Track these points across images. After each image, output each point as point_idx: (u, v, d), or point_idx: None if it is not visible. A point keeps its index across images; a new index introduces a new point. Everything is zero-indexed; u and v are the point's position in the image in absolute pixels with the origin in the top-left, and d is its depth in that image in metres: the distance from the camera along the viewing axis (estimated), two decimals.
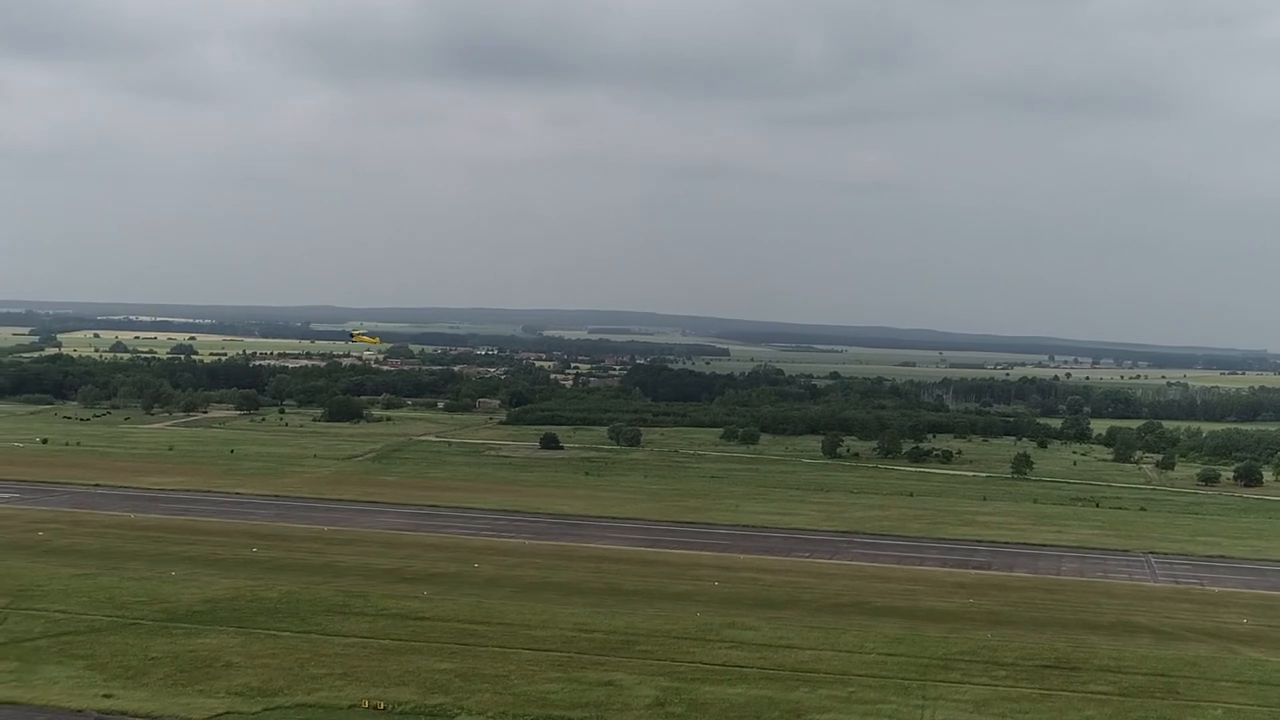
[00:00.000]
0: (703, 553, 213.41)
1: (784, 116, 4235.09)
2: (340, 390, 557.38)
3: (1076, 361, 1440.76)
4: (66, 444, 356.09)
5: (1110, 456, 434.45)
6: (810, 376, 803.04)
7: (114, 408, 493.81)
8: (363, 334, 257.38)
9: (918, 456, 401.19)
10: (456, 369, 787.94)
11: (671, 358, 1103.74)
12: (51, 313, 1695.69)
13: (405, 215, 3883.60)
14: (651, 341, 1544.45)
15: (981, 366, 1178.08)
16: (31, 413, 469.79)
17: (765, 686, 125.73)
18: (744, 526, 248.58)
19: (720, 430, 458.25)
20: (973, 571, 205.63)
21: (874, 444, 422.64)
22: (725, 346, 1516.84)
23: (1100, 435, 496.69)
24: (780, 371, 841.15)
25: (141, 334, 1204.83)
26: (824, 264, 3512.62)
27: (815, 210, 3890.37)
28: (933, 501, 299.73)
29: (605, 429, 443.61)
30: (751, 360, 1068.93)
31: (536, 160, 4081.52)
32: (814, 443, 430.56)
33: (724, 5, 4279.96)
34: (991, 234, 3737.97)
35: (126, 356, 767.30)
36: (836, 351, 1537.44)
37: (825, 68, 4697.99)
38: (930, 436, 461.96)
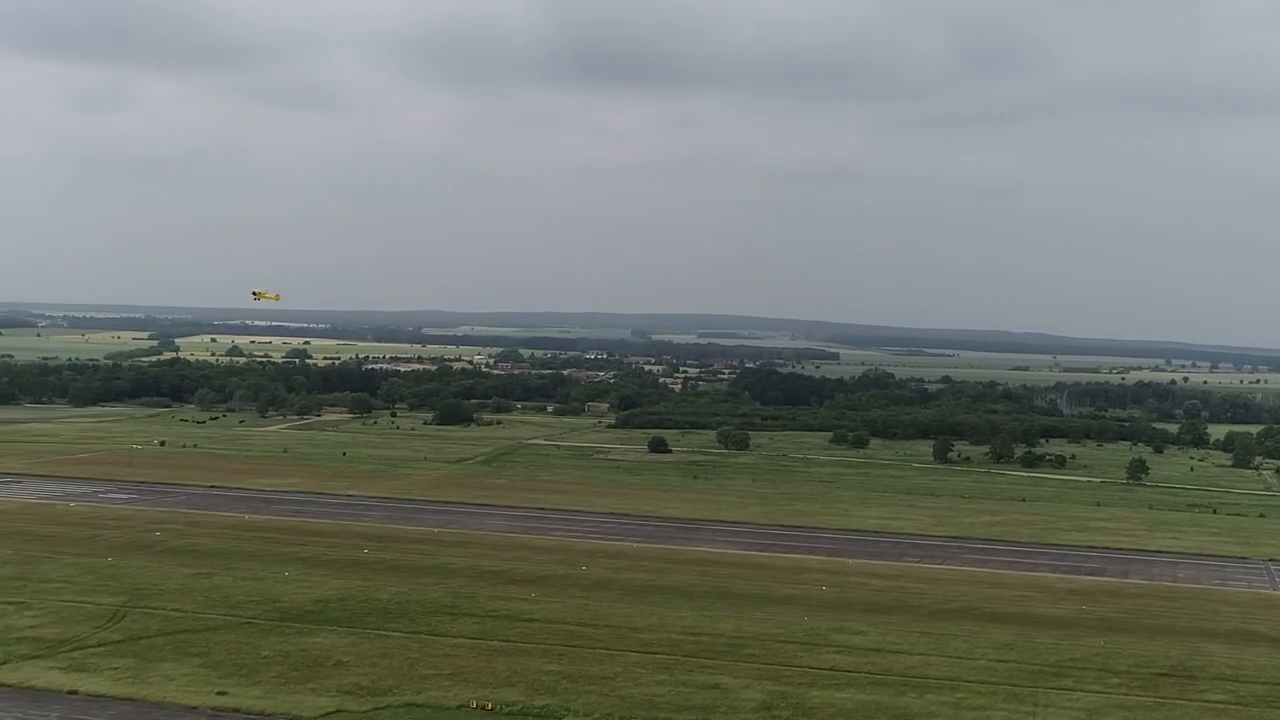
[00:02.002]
0: (811, 557, 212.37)
1: (899, 119, 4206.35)
2: (451, 394, 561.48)
3: (1194, 365, 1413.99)
4: (183, 446, 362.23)
5: (1229, 462, 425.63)
6: (921, 380, 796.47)
7: (230, 411, 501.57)
8: (264, 292, 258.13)
9: (1030, 461, 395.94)
10: (566, 373, 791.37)
11: (781, 361, 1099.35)
12: (170, 318, 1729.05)
13: (518, 220, 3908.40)
14: (761, 345, 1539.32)
15: (1096, 370, 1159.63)
16: (150, 415, 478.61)
17: (873, 692, 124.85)
18: (853, 531, 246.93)
19: (830, 434, 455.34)
20: (1086, 578, 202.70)
21: (986, 449, 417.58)
22: (835, 350, 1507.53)
23: (1218, 441, 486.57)
24: (891, 375, 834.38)
25: (257, 338, 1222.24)
26: (937, 267, 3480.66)
27: (928, 213, 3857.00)
28: (1045, 507, 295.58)
29: (714, 433, 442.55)
30: (861, 364, 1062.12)
31: (649, 164, 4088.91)
32: (925, 447, 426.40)
33: (840, 8, 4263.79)
34: (1107, 237, 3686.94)
35: (242, 361, 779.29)
36: (948, 355, 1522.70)
37: (941, 70, 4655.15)
38: (1043, 441, 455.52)
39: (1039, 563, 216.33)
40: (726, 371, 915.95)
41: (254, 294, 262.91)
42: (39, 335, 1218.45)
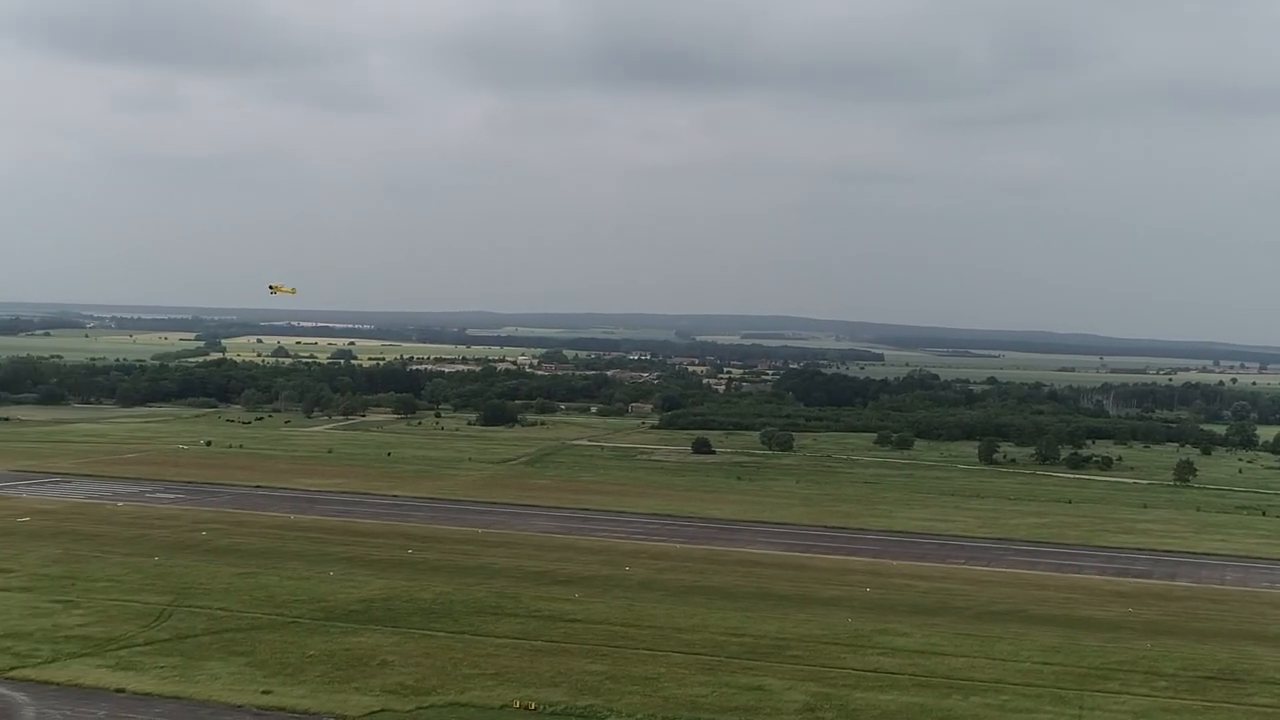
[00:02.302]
0: (855, 558, 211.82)
1: (943, 118, 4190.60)
2: (495, 395, 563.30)
3: (1243, 366, 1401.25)
4: (229, 446, 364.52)
5: (1278, 464, 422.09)
6: (966, 381, 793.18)
7: (275, 411, 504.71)
8: (281, 286, 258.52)
9: (1076, 463, 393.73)
10: (610, 374, 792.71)
11: (825, 362, 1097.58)
12: (217, 319, 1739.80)
13: (561, 221, 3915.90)
14: (805, 346, 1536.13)
15: (1143, 371, 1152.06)
16: (196, 416, 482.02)
17: (917, 694, 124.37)
18: (897, 532, 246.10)
19: (874, 435, 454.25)
20: (1132, 580, 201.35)
21: (1031, 450, 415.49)
22: (879, 351, 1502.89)
23: (1267, 442, 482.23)
24: (935, 376, 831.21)
25: (303, 339, 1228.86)
26: (981, 267, 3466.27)
27: (973, 213, 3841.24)
28: (1091, 509, 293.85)
29: (757, 434, 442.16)
30: (906, 365, 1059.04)
31: (691, 165, 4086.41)
32: (970, 448, 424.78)
33: (884, 8, 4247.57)
34: (1154, 237, 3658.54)
35: (288, 361, 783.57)
36: (993, 356, 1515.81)
37: (985, 69, 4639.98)
38: (1090, 443, 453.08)
39: (1085, 565, 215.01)
40: (770, 372, 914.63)
41: (270, 288, 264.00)
42: (87, 336, 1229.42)
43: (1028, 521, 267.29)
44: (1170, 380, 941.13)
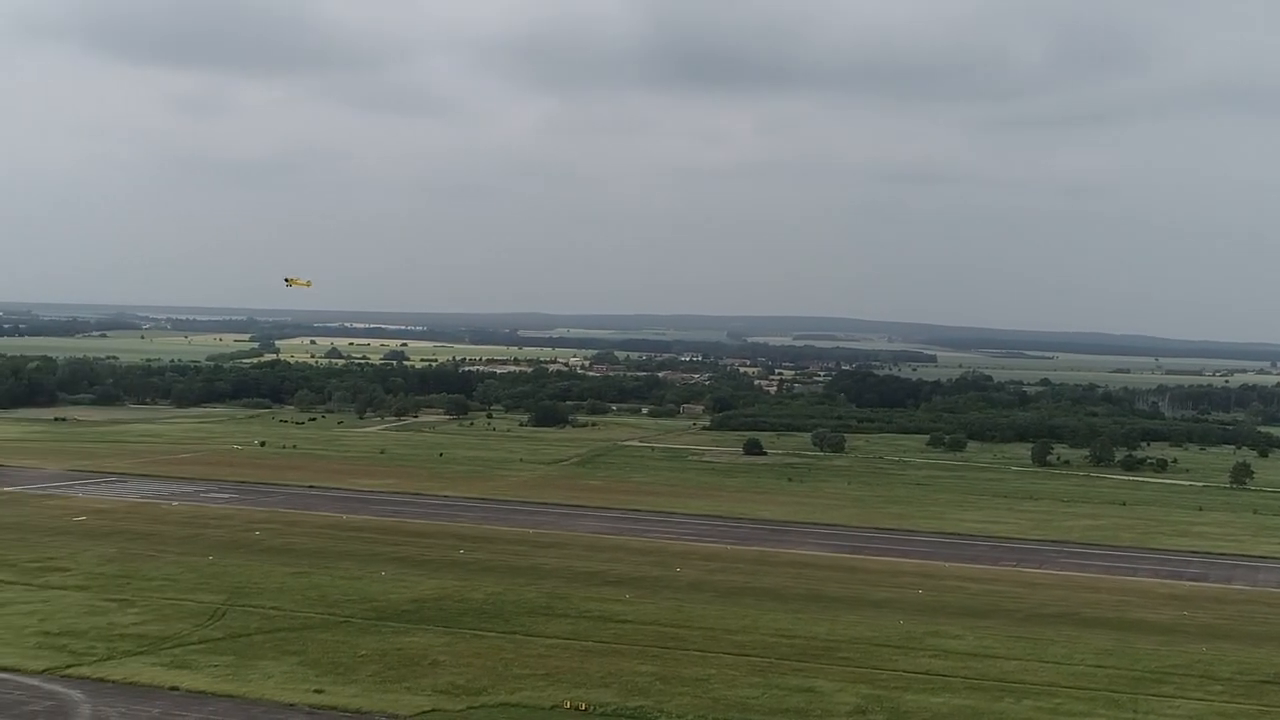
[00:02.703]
0: (906, 560, 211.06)
1: (998, 120, 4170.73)
2: (546, 396, 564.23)
3: None
4: (283, 447, 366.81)
5: None
6: (1020, 383, 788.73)
7: (328, 412, 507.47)
8: (297, 279, 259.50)
9: (1131, 465, 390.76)
10: (661, 375, 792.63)
11: (877, 364, 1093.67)
12: (271, 320, 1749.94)
13: (614, 222, 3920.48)
14: (857, 348, 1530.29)
15: (1199, 373, 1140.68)
16: (250, 416, 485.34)
17: (969, 696, 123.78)
18: (949, 534, 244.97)
19: (926, 437, 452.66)
20: (1187, 583, 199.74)
21: (1085, 452, 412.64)
22: (932, 353, 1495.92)
23: None
24: (989, 378, 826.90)
25: (356, 341, 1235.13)
26: (1036, 268, 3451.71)
27: (1027, 214, 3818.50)
28: (1146, 511, 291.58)
29: (809, 435, 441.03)
30: (959, 366, 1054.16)
31: (745, 167, 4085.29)
32: (1023, 450, 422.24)
33: (938, 9, 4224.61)
34: (1212, 237, 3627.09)
35: (341, 362, 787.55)
36: (1047, 358, 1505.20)
37: (1040, 70, 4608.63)
38: (1144, 445, 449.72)
39: (1139, 568, 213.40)
40: (822, 374, 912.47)
41: (286, 280, 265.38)
42: (143, 337, 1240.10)
43: (1081, 524, 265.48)
44: (1227, 382, 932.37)
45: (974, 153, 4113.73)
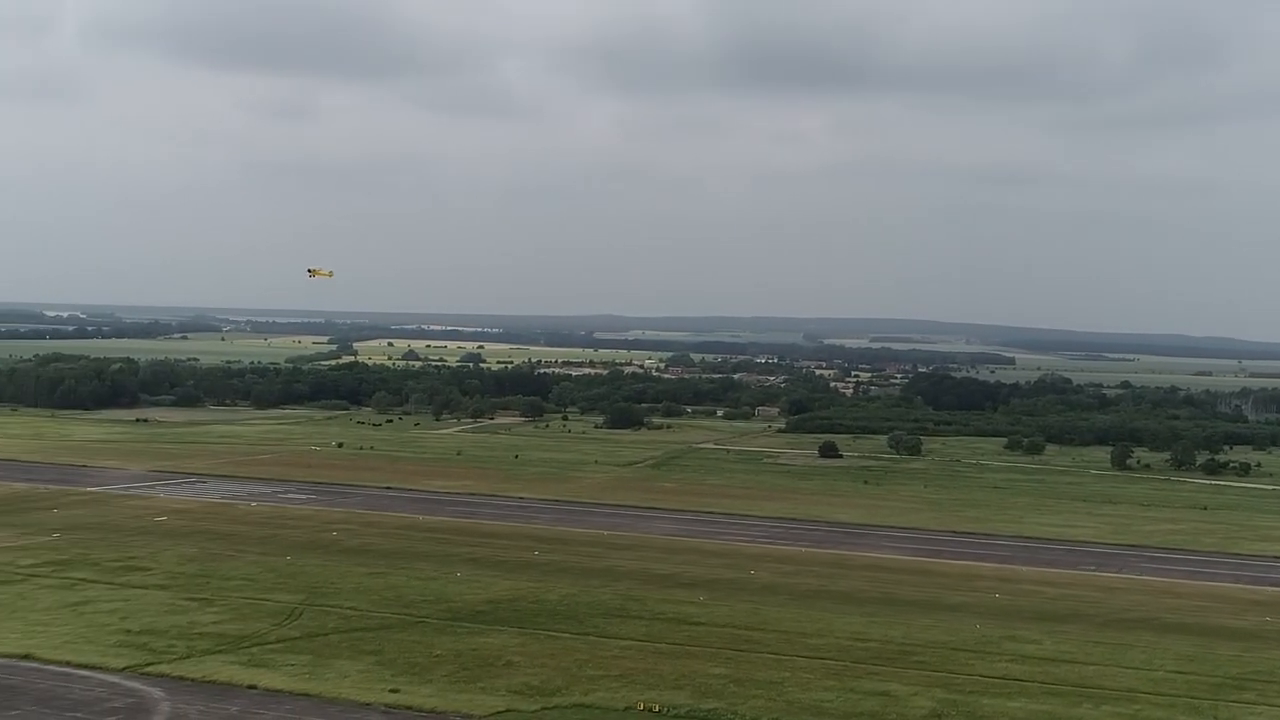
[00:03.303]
0: (983, 564, 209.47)
1: (1080, 120, 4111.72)
2: (621, 398, 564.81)
3: None
4: (360, 448, 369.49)
5: None
6: (1099, 386, 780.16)
7: (405, 413, 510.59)
8: (319, 270, 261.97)
9: (1213, 469, 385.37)
10: (736, 377, 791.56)
11: (954, 366, 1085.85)
12: (349, 322, 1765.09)
13: (690, 224, 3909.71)
14: (934, 350, 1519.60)
15: None
16: (328, 418, 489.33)
17: (1046, 701, 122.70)
18: (1026, 538, 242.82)
19: (1004, 440, 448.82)
20: (1270, 588, 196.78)
21: (1166, 456, 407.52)
22: (1011, 355, 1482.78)
23: None
24: (1068, 380, 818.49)
25: (433, 343, 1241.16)
26: (1117, 270, 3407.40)
27: (1108, 215, 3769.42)
28: (1228, 516, 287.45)
29: (885, 437, 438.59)
30: (1038, 369, 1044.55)
31: (823, 168, 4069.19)
32: (1102, 454, 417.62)
33: (1023, 8, 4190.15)
34: None
35: (418, 364, 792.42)
36: (1127, 360, 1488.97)
37: (1127, 69, 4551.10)
38: (1227, 448, 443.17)
39: (1220, 573, 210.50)
40: (899, 376, 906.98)
41: (309, 271, 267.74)
42: (223, 339, 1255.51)
43: (1161, 528, 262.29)
44: None
45: (1055, 154, 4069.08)
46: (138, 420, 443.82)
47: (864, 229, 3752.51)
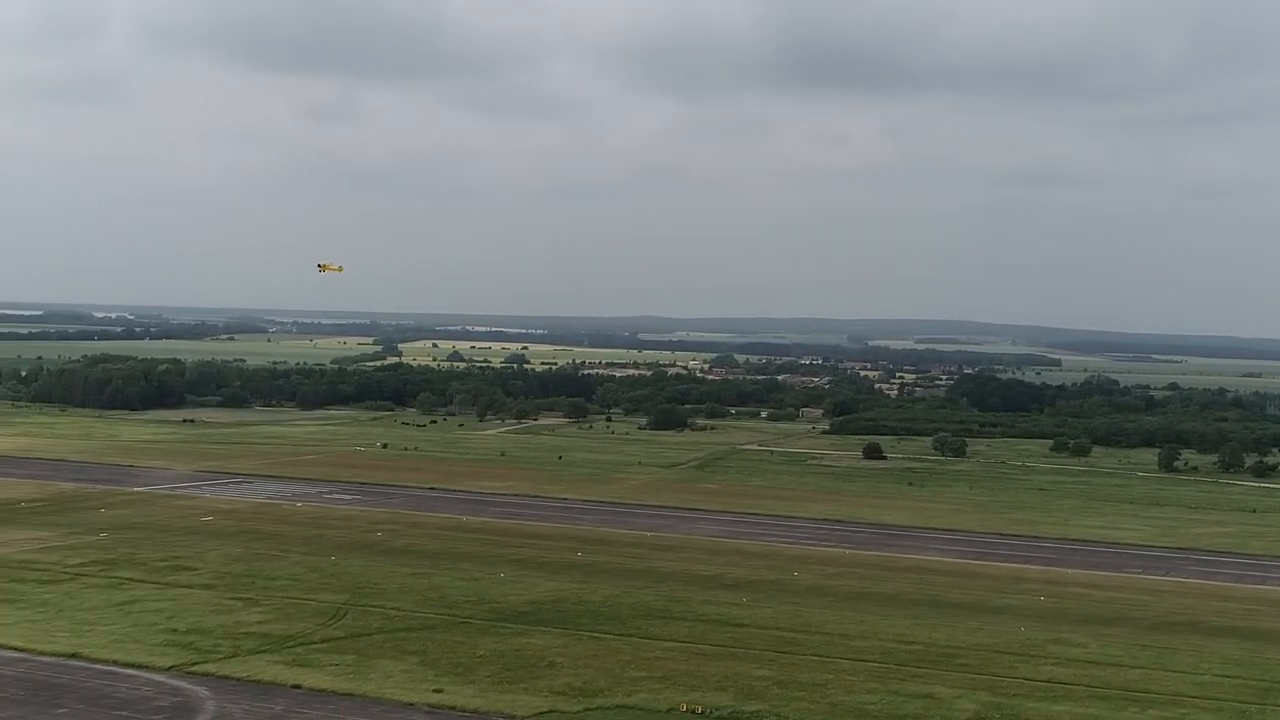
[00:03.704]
0: (1028, 566, 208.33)
1: (1126, 119, 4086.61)
2: (665, 399, 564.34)
3: None
4: (405, 449, 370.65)
5: None
6: (1147, 387, 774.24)
7: (449, 414, 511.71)
8: (329, 264, 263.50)
9: (1262, 471, 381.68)
10: (780, 378, 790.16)
11: (1000, 368, 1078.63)
12: (393, 324, 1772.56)
13: (734, 225, 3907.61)
14: (979, 351, 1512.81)
15: None
16: (373, 418, 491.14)
17: (1092, 705, 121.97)
18: (1072, 540, 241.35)
19: (1050, 442, 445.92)
20: None
21: (1214, 458, 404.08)
22: (1057, 356, 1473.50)
23: None
24: (1114, 382, 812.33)
25: (477, 344, 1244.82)
26: (1164, 271, 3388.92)
27: (1155, 215, 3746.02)
28: (1277, 519, 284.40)
29: (930, 439, 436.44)
30: (1084, 370, 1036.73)
31: (867, 169, 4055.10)
32: (1149, 456, 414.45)
33: (1070, 7, 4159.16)
34: None
35: (462, 365, 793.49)
36: (1175, 362, 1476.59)
37: (1172, 68, 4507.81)
38: (1276, 451, 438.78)
39: (1269, 576, 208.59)
40: (944, 377, 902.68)
41: (319, 266, 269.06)
42: (269, 340, 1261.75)
43: (1209, 531, 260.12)
44: None
45: (1102, 153, 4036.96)
46: (184, 421, 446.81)
47: (909, 229, 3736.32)
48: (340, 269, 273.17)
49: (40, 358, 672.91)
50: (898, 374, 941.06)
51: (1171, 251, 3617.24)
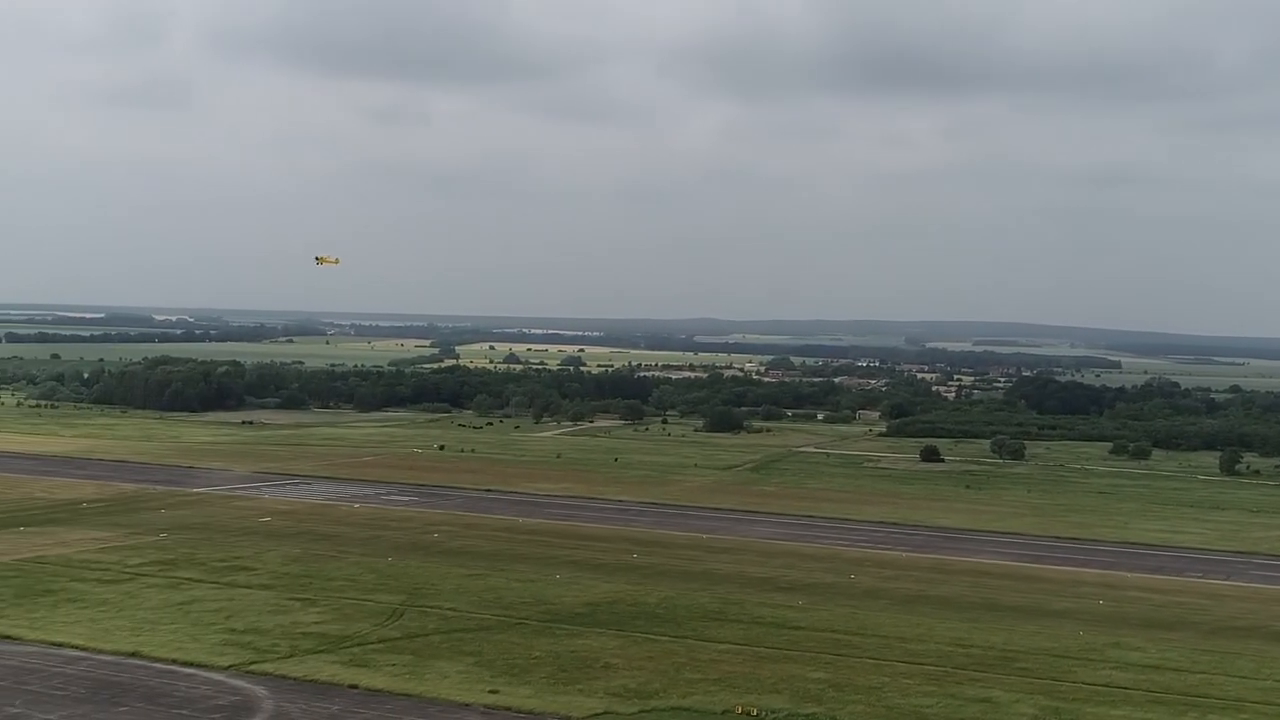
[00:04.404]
0: (1087, 570, 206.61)
1: (1194, 120, 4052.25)
2: (721, 401, 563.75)
3: None
4: (461, 451, 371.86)
5: None
6: (1208, 390, 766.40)
7: (506, 416, 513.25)
8: (326, 257, 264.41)
9: None
10: (837, 381, 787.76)
11: (1059, 370, 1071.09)
12: (451, 326, 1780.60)
13: (792, 228, 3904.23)
14: (1038, 353, 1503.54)
15: None
16: (430, 420, 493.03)
17: (1151, 710, 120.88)
18: (1132, 544, 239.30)
19: (1109, 445, 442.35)
20: None
21: (1277, 461, 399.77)
22: (1116, 358, 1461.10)
23: None
24: (1175, 384, 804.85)
25: (533, 346, 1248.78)
26: (1228, 273, 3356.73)
27: (1220, 217, 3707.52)
28: None
29: (988, 442, 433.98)
30: (1144, 373, 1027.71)
31: (928, 170, 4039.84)
32: (1210, 459, 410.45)
33: (1139, 6, 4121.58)
34: None
35: (519, 368, 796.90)
36: (1237, 364, 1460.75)
37: (1242, 69, 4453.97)
38: None
39: None
40: (1002, 380, 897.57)
41: (317, 259, 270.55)
42: (327, 342, 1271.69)
43: (1271, 534, 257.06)
44: None
45: (1167, 154, 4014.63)
46: (243, 422, 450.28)
47: (968, 231, 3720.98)
48: (337, 261, 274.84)
49: (102, 360, 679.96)
50: (955, 376, 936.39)
51: (1235, 253, 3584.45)
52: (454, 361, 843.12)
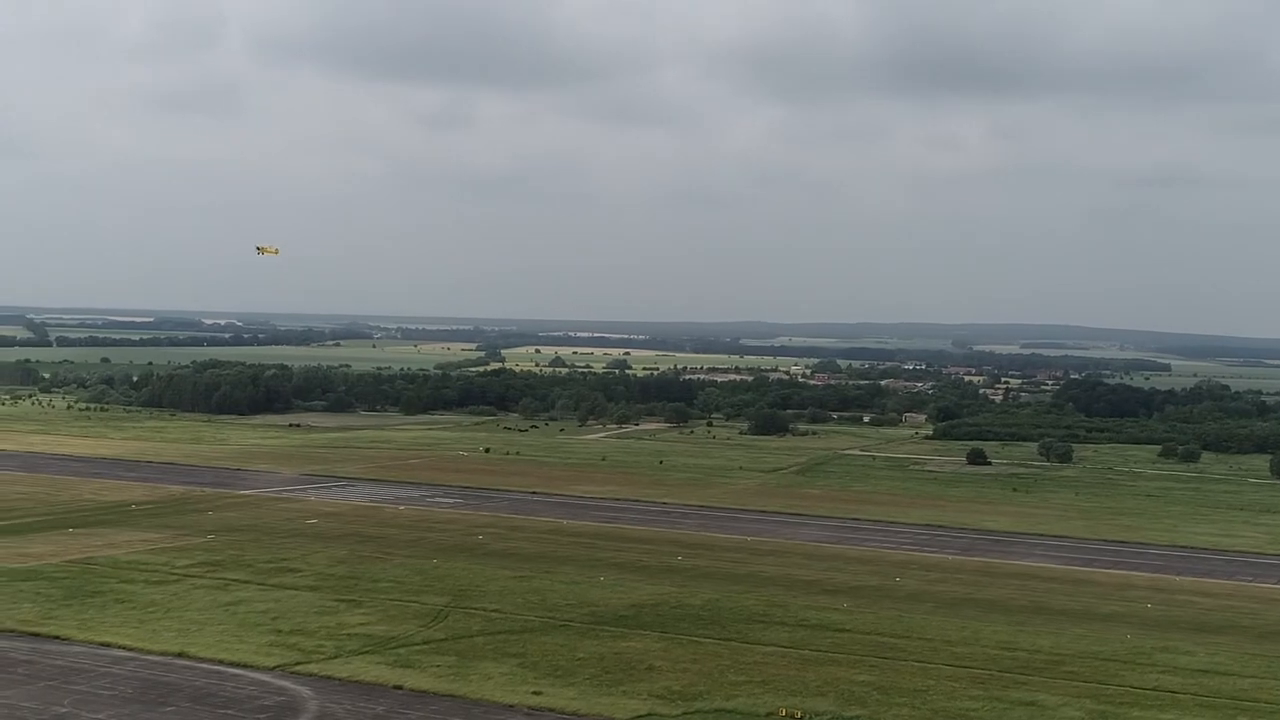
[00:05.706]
0: (1135, 573, 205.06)
1: (1247, 122, 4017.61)
2: (767, 404, 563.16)
3: None
4: (506, 453, 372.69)
5: None
6: (1258, 392, 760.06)
7: (551, 419, 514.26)
8: (267, 247, 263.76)
9: None
10: (883, 384, 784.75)
11: (1107, 373, 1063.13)
12: (497, 329, 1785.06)
13: (839, 230, 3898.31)
14: (1086, 356, 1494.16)
15: None
16: (476, 423, 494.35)
17: (1200, 714, 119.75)
18: (1181, 547, 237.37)
19: (1158, 448, 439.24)
20: None
21: None
22: (1166, 361, 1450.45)
23: None
24: (1226, 387, 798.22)
25: (579, 349, 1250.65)
26: (1277, 273, 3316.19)
27: (1276, 219, 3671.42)
28: None
29: (1035, 445, 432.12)
30: (1194, 375, 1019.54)
31: (976, 172, 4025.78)
32: (1261, 462, 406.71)
33: (1192, 7, 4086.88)
34: None
35: (564, 371, 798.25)
36: None
37: None
38: None
39: None
40: (1050, 382, 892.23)
41: (258, 249, 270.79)
42: (374, 346, 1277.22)
43: None
44: None
45: (1217, 156, 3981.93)
46: (291, 425, 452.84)
47: (1016, 233, 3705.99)
48: (277, 251, 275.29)
49: (151, 363, 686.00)
50: (1003, 379, 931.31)
51: None
52: (500, 365, 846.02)
